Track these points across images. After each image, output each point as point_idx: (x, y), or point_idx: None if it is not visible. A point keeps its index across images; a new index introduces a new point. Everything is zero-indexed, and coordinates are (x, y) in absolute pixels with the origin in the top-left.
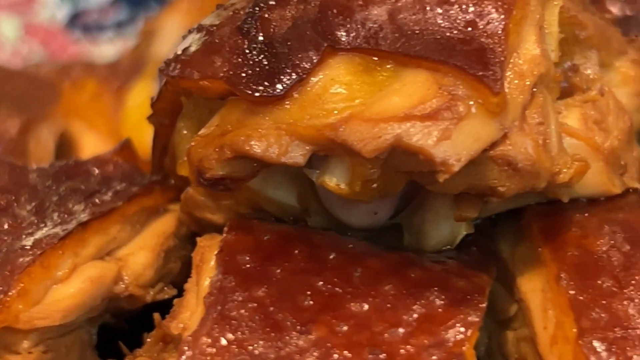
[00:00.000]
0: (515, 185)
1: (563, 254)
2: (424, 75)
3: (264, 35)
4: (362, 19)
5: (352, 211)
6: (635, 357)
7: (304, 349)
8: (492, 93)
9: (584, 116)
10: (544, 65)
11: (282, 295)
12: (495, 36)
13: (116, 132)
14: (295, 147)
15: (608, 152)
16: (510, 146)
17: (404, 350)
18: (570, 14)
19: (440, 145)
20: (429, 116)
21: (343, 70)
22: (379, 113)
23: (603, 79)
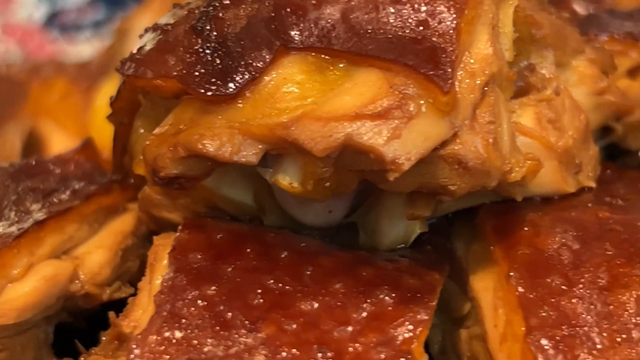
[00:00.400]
0: (466, 183)
1: (514, 252)
2: (375, 75)
3: (217, 35)
4: (315, 18)
5: (307, 210)
6: (582, 354)
7: (252, 347)
8: (442, 92)
9: (538, 115)
10: (495, 64)
11: (233, 293)
12: (446, 35)
13: (85, 132)
14: (247, 146)
15: (562, 151)
16: (460, 145)
17: (352, 348)
18: (526, 14)
19: (391, 144)
20: (379, 115)
21: (296, 69)
22: (330, 112)
23: (559, 78)
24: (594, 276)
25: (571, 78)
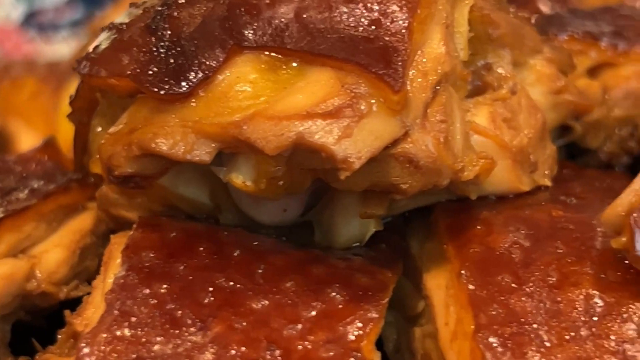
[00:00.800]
0: (417, 182)
1: (466, 250)
2: (327, 74)
3: (171, 34)
4: (268, 18)
5: (262, 208)
6: (530, 352)
7: (201, 345)
8: (392, 91)
9: (493, 114)
10: (448, 63)
11: (184, 292)
12: (398, 35)
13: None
14: (201, 145)
15: (516, 150)
16: (411, 144)
17: (301, 346)
18: (483, 13)
19: (342, 143)
20: (330, 114)
21: (249, 68)
22: (282, 111)
23: (516, 77)
24: (544, 274)
25: (529, 77)
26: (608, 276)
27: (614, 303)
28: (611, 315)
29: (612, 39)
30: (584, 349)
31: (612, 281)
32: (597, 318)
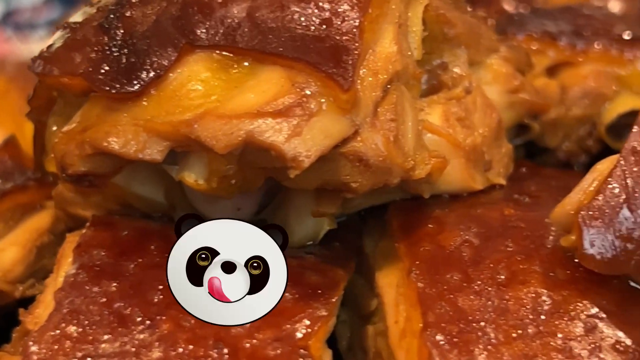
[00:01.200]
0: (368, 180)
1: (417, 249)
2: (278, 73)
3: (124, 33)
4: (221, 17)
5: (215, 207)
6: (477, 350)
7: (149, 343)
8: (342, 90)
9: (446, 113)
10: (400, 62)
11: (133, 290)
12: (349, 34)
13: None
14: (152, 144)
15: (470, 148)
16: (361, 142)
17: (248, 344)
18: (438, 12)
19: (291, 141)
20: (280, 113)
21: (201, 67)
22: (232, 109)
23: (472, 76)
24: (493, 272)
25: (485, 76)
26: (557, 274)
27: (561, 301)
28: (559, 313)
29: (570, 38)
30: (531, 346)
31: (561, 279)
32: (545, 316)
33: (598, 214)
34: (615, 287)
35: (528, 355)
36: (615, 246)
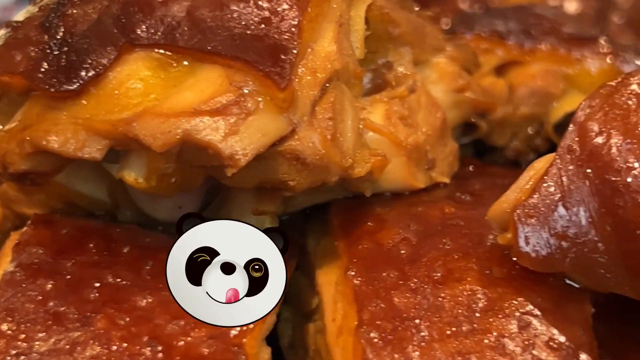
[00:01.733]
0: (305, 179)
1: (355, 247)
2: (217, 72)
3: (65, 32)
4: (161, 16)
5: (157, 205)
6: (410, 347)
7: (83, 341)
8: (279, 89)
9: (388, 112)
10: (339, 61)
11: (70, 288)
12: (288, 33)
13: None
14: (92, 142)
15: (411, 147)
16: (298, 141)
17: (183, 342)
18: (383, 12)
19: (228, 140)
20: (218, 111)
21: (141, 65)
22: (170, 108)
23: (416, 75)
24: (429, 270)
25: (431, 75)
26: (493, 272)
27: (496, 298)
28: (493, 311)
29: (519, 37)
30: (464, 344)
31: (497, 277)
32: (479, 313)
33: (533, 212)
34: (551, 284)
35: (461, 353)
36: (550, 244)
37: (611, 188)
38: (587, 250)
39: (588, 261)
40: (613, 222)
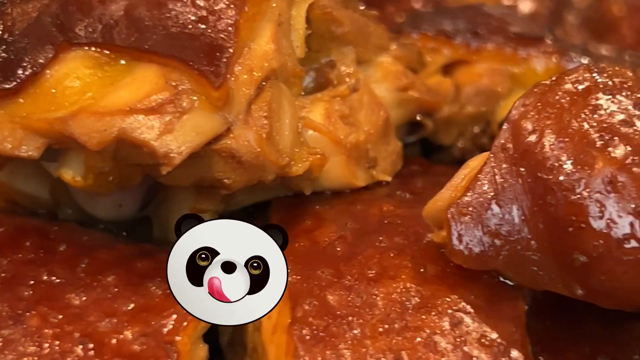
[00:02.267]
0: (241, 177)
1: (292, 244)
2: (154, 70)
3: (3, 31)
4: (99, 15)
5: (97, 203)
6: (342, 344)
7: (15, 339)
8: (213, 87)
9: (328, 111)
10: (277, 60)
11: (4, 286)
12: (224, 32)
13: None
14: (29, 141)
15: (351, 146)
16: (233, 139)
17: (115, 339)
18: (325, 11)
19: (163, 138)
20: (153, 110)
21: (79, 64)
22: (106, 107)
23: (359, 74)
24: (364, 268)
25: (375, 74)
26: (427, 270)
27: (429, 296)
28: (426, 308)
29: (465, 36)
30: (396, 341)
31: (431, 274)
32: (412, 311)
33: (467, 210)
34: (484, 282)
35: (392, 350)
36: (483, 242)
37: (543, 186)
38: (520, 248)
39: (521, 259)
40: (545, 220)
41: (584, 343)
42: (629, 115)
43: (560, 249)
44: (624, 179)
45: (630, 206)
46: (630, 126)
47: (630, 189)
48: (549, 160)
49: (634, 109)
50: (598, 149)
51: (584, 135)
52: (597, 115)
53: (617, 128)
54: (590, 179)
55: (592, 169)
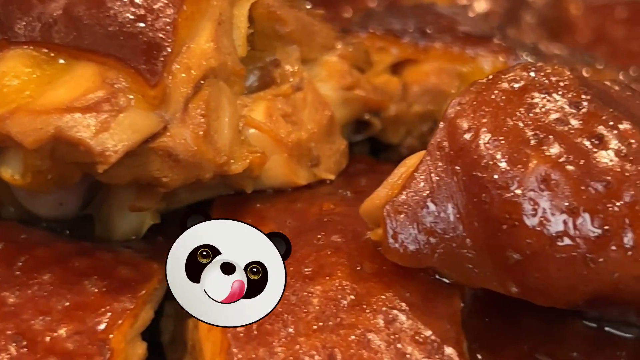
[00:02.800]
0: (178, 175)
1: None
2: (92, 69)
3: None
4: (39, 13)
5: (37, 202)
6: (275, 342)
7: None
8: (149, 86)
9: (270, 109)
10: (215, 59)
11: None
12: (162, 31)
13: None
14: None
15: (293, 144)
16: (170, 138)
17: (48, 337)
18: (270, 10)
19: (99, 137)
20: (89, 108)
21: (17, 62)
22: (42, 105)
23: (304, 73)
24: (300, 265)
25: (320, 73)
26: (364, 267)
27: (365, 294)
28: (360, 306)
29: (414, 36)
30: (330, 338)
31: (367, 272)
32: (347, 308)
33: (402, 208)
34: (420, 280)
35: (326, 347)
36: (418, 240)
37: (478, 184)
38: (455, 246)
39: (456, 256)
40: (480, 217)
41: (523, 340)
42: (564, 113)
43: (495, 247)
44: (557, 177)
45: (563, 204)
46: (565, 125)
47: (563, 187)
48: (484, 159)
49: (569, 108)
50: (532, 147)
51: (518, 133)
52: (533, 113)
53: (552, 126)
54: (524, 177)
55: (526, 167)
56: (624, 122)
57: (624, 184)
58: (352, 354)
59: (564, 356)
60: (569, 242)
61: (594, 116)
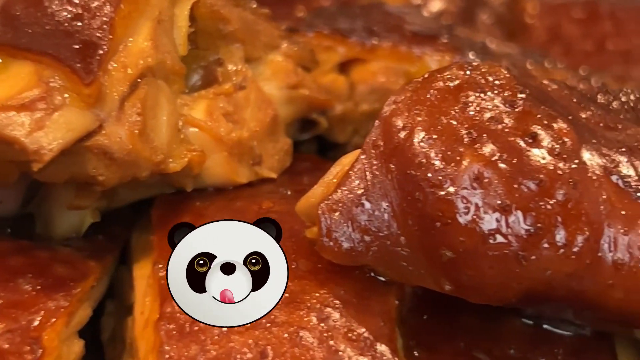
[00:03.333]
0: (114, 174)
1: (165, 241)
2: (28, 67)
3: None
4: None
5: None
6: (208, 340)
7: None
8: (84, 84)
9: (210, 108)
10: (153, 58)
11: None
12: (99, 30)
13: None
14: None
15: (233, 143)
16: (105, 136)
17: None
18: (213, 9)
19: (34, 135)
20: (24, 107)
21: None
22: None
23: (247, 72)
24: None
25: (265, 72)
26: (299, 265)
27: (299, 291)
28: (295, 303)
29: (361, 35)
30: (262, 335)
31: (303, 270)
32: (281, 306)
33: (337, 206)
34: (355, 277)
35: (258, 345)
36: (353, 238)
37: (412, 182)
38: (390, 244)
39: (391, 254)
40: (414, 216)
41: (459, 338)
42: (499, 112)
43: (428, 245)
44: (490, 175)
45: (496, 202)
46: (499, 123)
47: (496, 185)
48: (418, 157)
49: (504, 106)
50: (466, 146)
51: (453, 132)
52: (467, 112)
53: (486, 125)
54: (457, 175)
55: (460, 165)
56: (559, 120)
57: (557, 183)
58: (284, 352)
59: (501, 353)
60: (502, 240)
61: (529, 115)
